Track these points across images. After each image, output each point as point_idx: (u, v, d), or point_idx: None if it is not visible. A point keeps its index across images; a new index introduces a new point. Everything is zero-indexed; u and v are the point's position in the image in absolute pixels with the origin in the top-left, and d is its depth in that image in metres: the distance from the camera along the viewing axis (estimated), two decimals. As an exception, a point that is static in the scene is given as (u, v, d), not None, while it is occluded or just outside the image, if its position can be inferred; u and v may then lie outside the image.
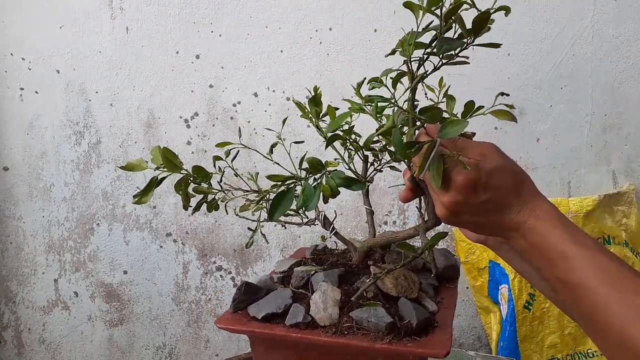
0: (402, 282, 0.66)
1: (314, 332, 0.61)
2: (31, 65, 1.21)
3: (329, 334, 0.61)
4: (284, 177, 0.61)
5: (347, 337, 0.60)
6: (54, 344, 1.30)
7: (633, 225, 1.25)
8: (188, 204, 0.66)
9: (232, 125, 1.22)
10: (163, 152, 0.62)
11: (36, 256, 1.27)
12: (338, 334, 0.60)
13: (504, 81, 1.20)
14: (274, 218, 0.58)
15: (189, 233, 1.26)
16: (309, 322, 0.63)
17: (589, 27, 1.22)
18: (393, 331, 0.59)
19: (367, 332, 0.60)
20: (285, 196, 0.59)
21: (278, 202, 0.59)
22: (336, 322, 0.62)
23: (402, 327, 0.59)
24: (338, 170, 0.62)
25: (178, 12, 1.19)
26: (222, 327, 0.65)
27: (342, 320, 0.62)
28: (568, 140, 1.27)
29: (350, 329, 0.61)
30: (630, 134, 1.27)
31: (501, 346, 1.19)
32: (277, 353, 0.66)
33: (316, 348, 0.62)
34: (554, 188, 1.29)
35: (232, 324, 0.65)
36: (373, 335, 0.59)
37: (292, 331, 0.62)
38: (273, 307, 0.66)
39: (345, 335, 0.60)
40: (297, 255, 0.87)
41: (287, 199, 0.59)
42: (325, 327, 0.62)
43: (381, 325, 0.59)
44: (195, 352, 1.31)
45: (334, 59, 1.20)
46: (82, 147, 1.24)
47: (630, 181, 1.29)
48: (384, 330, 0.59)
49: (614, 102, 1.26)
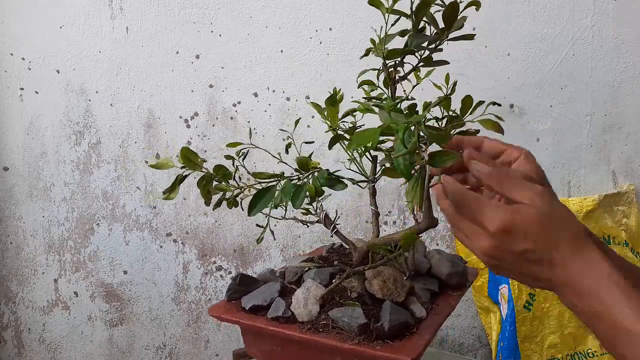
0: (389, 285, 0.65)
1: (290, 327, 0.63)
2: (31, 65, 1.21)
3: (304, 330, 0.62)
4: (268, 174, 0.63)
5: (320, 335, 0.60)
6: (54, 344, 1.30)
7: (633, 225, 1.25)
8: (209, 200, 0.67)
9: (232, 125, 1.22)
10: (183, 152, 0.64)
11: (36, 256, 1.27)
12: (313, 330, 0.61)
13: (504, 81, 1.20)
14: (251, 214, 0.60)
15: (189, 233, 1.26)
16: (289, 317, 0.64)
17: (589, 27, 1.22)
18: (365, 333, 0.59)
19: (341, 331, 0.61)
20: (265, 193, 0.62)
21: (258, 198, 0.61)
22: (314, 319, 0.63)
23: (374, 329, 0.59)
24: (322, 171, 0.64)
25: (178, 12, 1.19)
26: (213, 315, 0.68)
27: (321, 317, 0.63)
28: (568, 140, 1.27)
29: (325, 326, 0.61)
30: (630, 134, 1.27)
31: (501, 346, 1.19)
32: (264, 343, 0.68)
33: (294, 342, 0.64)
34: (554, 188, 1.29)
35: (223, 312, 0.68)
36: (345, 335, 0.60)
37: (272, 324, 0.64)
38: (260, 299, 0.67)
39: (319, 332, 0.61)
40: (314, 253, 0.87)
41: (267, 197, 0.61)
42: (303, 323, 0.63)
43: (353, 326, 0.60)
44: (195, 352, 1.31)
45: (334, 59, 1.20)
46: (82, 147, 1.24)
47: (630, 181, 1.29)
48: (356, 331, 0.60)
49: (614, 102, 1.26)
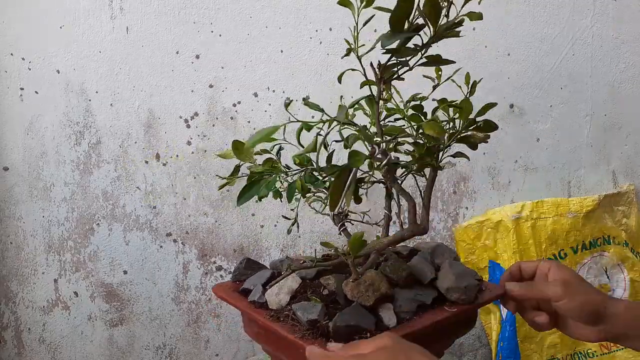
0: (360, 288, 0.65)
1: (257, 311, 0.68)
2: (31, 65, 1.21)
3: (267, 317, 0.66)
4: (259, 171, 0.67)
5: (277, 323, 0.64)
6: (54, 344, 1.31)
7: (633, 225, 1.25)
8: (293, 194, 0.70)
9: (232, 125, 1.22)
10: (235, 144, 0.67)
11: (36, 256, 1.27)
12: (274, 318, 0.65)
13: (504, 81, 1.20)
14: (239, 203, 0.65)
15: (189, 233, 1.26)
16: (263, 303, 0.69)
17: (589, 27, 1.22)
18: (313, 328, 0.61)
19: (297, 323, 0.63)
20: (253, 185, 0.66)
21: (246, 190, 0.66)
22: (281, 308, 0.67)
23: (319, 327, 0.61)
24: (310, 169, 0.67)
25: (178, 12, 1.19)
26: (214, 291, 0.75)
27: (286, 308, 0.66)
28: (568, 140, 1.27)
29: (287, 317, 0.64)
30: (630, 134, 1.27)
31: (501, 346, 1.19)
32: (250, 324, 0.73)
33: (260, 326, 0.68)
34: (554, 188, 1.29)
35: (221, 291, 0.75)
36: (298, 328, 0.62)
37: (246, 307, 0.70)
38: (250, 284, 0.74)
39: (279, 321, 0.64)
40: None
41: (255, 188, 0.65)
42: (270, 310, 0.67)
43: (303, 320, 0.62)
44: (195, 352, 1.31)
45: (334, 59, 1.20)
46: (82, 147, 1.24)
47: (630, 181, 1.29)
48: (305, 325, 0.62)
49: (614, 102, 1.26)
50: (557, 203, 1.19)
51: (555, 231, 1.18)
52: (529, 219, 1.18)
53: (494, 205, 1.26)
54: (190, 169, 1.24)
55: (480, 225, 1.21)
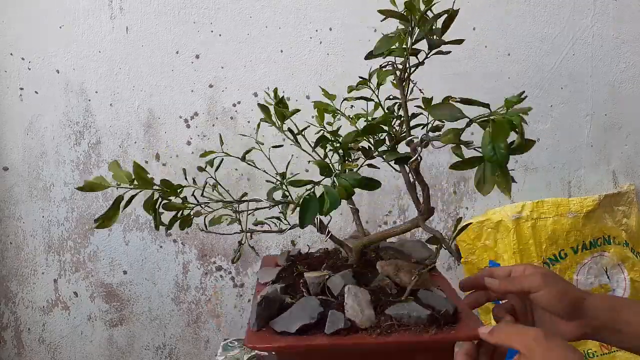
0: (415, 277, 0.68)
1: (358, 337, 0.61)
2: (31, 65, 1.21)
3: (374, 335, 0.60)
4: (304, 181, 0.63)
5: (394, 336, 0.60)
6: (53, 344, 1.30)
7: (633, 225, 1.25)
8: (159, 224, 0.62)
9: (232, 125, 1.22)
10: (135, 168, 0.57)
11: (36, 256, 1.27)
12: (383, 333, 0.60)
13: (504, 81, 1.20)
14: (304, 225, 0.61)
15: (189, 233, 1.26)
16: (350, 327, 0.62)
17: (589, 27, 1.22)
18: (434, 322, 0.61)
19: (407, 327, 0.61)
20: (311, 202, 0.62)
21: (306, 208, 0.62)
22: (375, 323, 0.62)
23: (440, 316, 0.61)
24: (352, 172, 0.64)
25: (178, 12, 1.19)
26: (259, 348, 0.60)
27: (380, 319, 0.62)
28: (568, 140, 1.27)
29: (391, 327, 0.61)
30: (630, 133, 1.27)
31: (501, 346, 1.19)
32: None
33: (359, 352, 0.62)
34: (554, 188, 1.29)
35: (266, 341, 0.61)
36: (415, 329, 0.60)
37: (336, 339, 0.60)
38: (305, 318, 0.62)
39: (389, 334, 0.60)
40: (269, 263, 0.84)
41: (314, 204, 0.61)
42: (367, 329, 0.61)
43: (423, 318, 0.61)
44: (195, 352, 1.31)
45: (334, 59, 1.20)
46: (82, 147, 1.24)
47: (630, 181, 1.29)
48: (425, 323, 0.61)
49: (614, 102, 1.26)
50: (557, 203, 1.19)
51: (556, 231, 1.18)
52: (529, 219, 1.18)
53: (494, 205, 1.26)
54: (190, 168, 1.24)
55: (481, 225, 1.21)
